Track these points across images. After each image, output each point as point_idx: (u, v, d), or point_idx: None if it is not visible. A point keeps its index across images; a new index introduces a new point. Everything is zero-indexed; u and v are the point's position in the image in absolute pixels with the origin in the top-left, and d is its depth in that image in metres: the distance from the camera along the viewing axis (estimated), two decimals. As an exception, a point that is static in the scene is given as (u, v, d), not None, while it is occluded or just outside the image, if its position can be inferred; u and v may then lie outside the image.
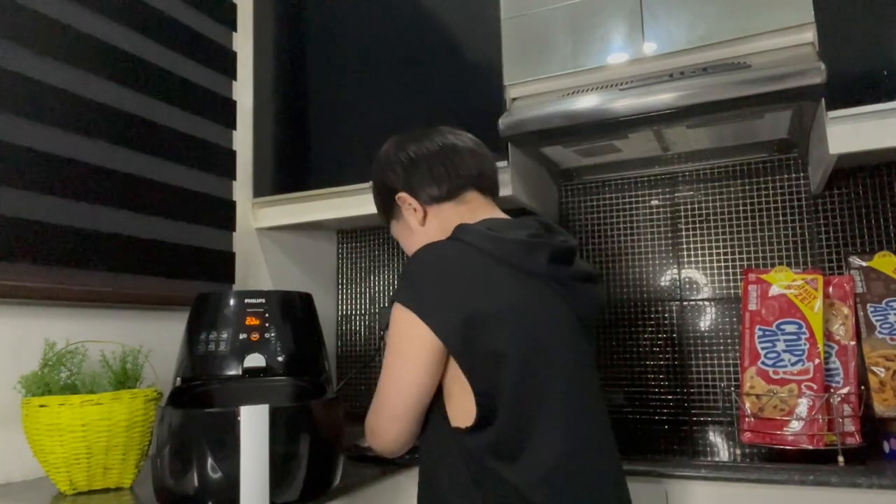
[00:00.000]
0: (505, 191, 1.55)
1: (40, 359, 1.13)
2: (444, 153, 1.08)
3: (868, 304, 1.30)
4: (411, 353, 0.91)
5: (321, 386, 1.14)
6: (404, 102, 1.70)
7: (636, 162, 1.77)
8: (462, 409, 0.90)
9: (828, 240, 1.64)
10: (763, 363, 1.29)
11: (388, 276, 2.16)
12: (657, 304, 1.79)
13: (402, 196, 1.07)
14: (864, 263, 1.34)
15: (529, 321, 0.91)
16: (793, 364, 1.26)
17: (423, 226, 1.06)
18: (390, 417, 0.94)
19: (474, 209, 1.05)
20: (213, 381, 1.12)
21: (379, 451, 0.98)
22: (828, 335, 1.29)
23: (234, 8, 1.92)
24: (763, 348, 1.30)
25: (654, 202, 1.82)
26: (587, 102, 1.39)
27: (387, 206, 1.12)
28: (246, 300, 1.16)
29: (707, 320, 1.74)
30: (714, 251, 1.75)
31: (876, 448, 1.22)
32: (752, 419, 1.26)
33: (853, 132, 1.27)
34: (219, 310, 1.16)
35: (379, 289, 2.17)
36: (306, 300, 1.23)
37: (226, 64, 1.87)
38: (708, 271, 1.75)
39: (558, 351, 0.92)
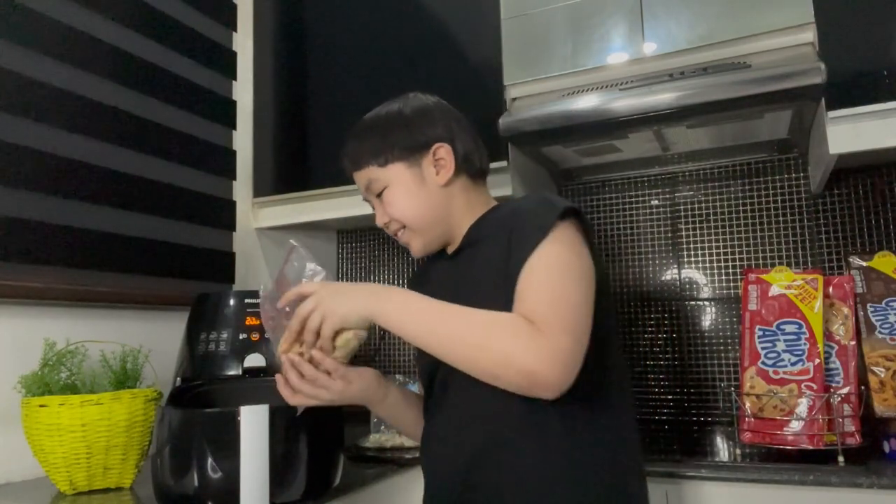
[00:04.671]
0: (504, 191, 1.55)
1: (40, 359, 1.13)
2: (472, 127, 1.04)
3: (868, 304, 1.30)
4: (583, 269, 0.84)
5: (321, 386, 1.14)
6: (404, 102, 1.69)
7: (636, 162, 1.77)
8: None
9: (828, 240, 1.64)
10: (763, 363, 1.29)
11: (388, 276, 2.16)
12: (657, 304, 1.79)
13: (443, 147, 0.97)
14: (864, 263, 1.34)
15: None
16: (793, 364, 1.26)
17: (444, 186, 0.97)
18: (583, 349, 0.79)
19: (489, 200, 1.04)
20: (213, 381, 1.12)
21: (550, 384, 0.76)
22: (828, 335, 1.29)
23: (234, 8, 1.92)
24: (763, 348, 1.30)
25: (654, 202, 1.82)
26: (587, 102, 1.39)
27: (397, 149, 0.96)
28: (246, 300, 1.16)
29: (707, 320, 1.73)
30: (714, 251, 1.75)
31: (876, 448, 1.22)
32: (752, 419, 1.26)
33: (853, 132, 1.27)
34: (219, 310, 1.16)
35: (379, 289, 2.16)
36: (306, 300, 1.23)
37: (226, 64, 1.87)
38: (708, 271, 1.75)
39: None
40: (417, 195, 0.96)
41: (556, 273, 0.82)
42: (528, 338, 0.76)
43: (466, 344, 0.80)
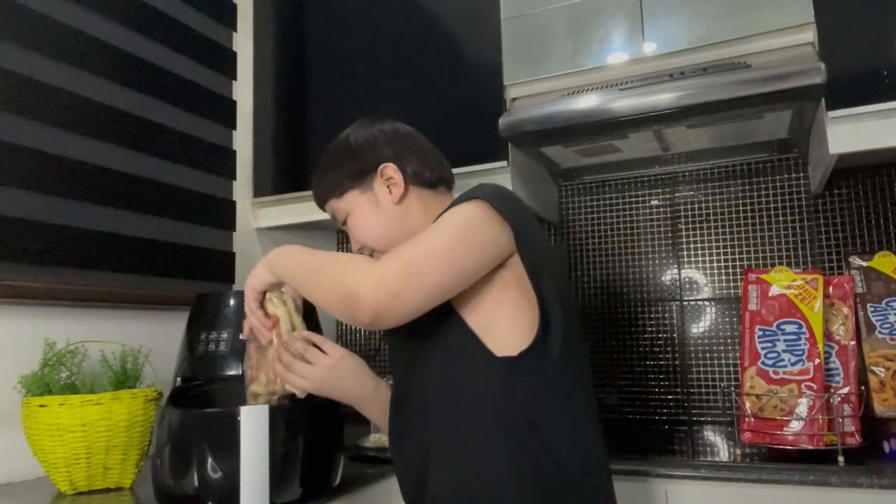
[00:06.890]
0: (505, 191, 1.55)
1: (40, 359, 1.13)
2: (424, 141, 1.06)
3: (868, 304, 1.30)
4: (478, 240, 0.82)
5: (321, 386, 1.14)
6: (404, 102, 1.70)
7: (636, 162, 1.77)
8: (509, 329, 0.85)
9: (828, 240, 1.64)
10: (763, 363, 1.29)
11: (388, 276, 2.15)
12: (657, 304, 1.79)
13: (389, 167, 0.99)
14: (864, 263, 1.34)
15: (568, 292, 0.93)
16: (793, 364, 1.26)
17: (398, 203, 0.99)
18: (417, 284, 0.79)
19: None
20: (213, 381, 1.12)
21: (366, 303, 0.78)
22: (828, 335, 1.29)
23: (234, 8, 1.92)
24: (763, 348, 1.30)
25: (654, 202, 1.82)
26: (587, 102, 1.39)
27: (347, 178, 1.01)
28: (246, 300, 1.16)
29: (707, 320, 1.73)
30: (714, 251, 1.75)
31: (876, 448, 1.22)
32: (752, 419, 1.26)
33: (853, 132, 1.27)
34: (219, 310, 1.16)
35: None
36: (306, 299, 1.23)
37: (226, 64, 1.87)
38: (708, 271, 1.75)
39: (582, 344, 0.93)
40: (375, 217, 1.00)
41: (435, 227, 0.84)
42: (363, 266, 0.82)
43: (320, 278, 0.86)
